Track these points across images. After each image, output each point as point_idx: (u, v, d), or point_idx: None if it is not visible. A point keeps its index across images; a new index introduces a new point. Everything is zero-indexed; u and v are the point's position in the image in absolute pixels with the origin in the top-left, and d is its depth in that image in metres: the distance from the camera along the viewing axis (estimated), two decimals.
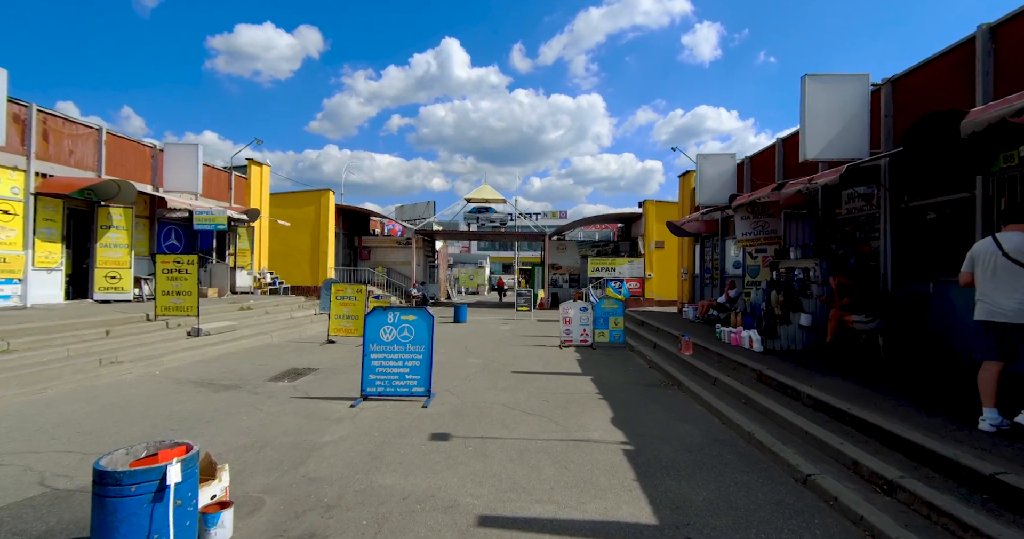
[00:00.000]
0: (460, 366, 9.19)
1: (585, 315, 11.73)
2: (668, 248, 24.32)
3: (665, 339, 11.20)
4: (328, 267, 24.86)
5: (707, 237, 16.12)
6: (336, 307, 12.11)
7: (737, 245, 10.47)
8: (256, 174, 18.67)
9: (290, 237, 24.99)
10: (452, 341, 12.61)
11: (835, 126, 7.95)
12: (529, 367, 9.16)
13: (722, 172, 13.25)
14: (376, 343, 6.67)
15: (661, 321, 13.73)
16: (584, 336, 11.68)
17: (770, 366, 7.05)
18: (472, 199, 28.00)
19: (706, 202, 13.30)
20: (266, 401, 6.59)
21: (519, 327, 16.32)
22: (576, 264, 28.68)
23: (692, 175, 17.63)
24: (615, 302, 11.79)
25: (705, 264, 16.39)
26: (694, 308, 14.09)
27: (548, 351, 11.13)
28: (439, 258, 32.04)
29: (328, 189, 24.93)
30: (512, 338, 13.38)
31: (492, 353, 10.73)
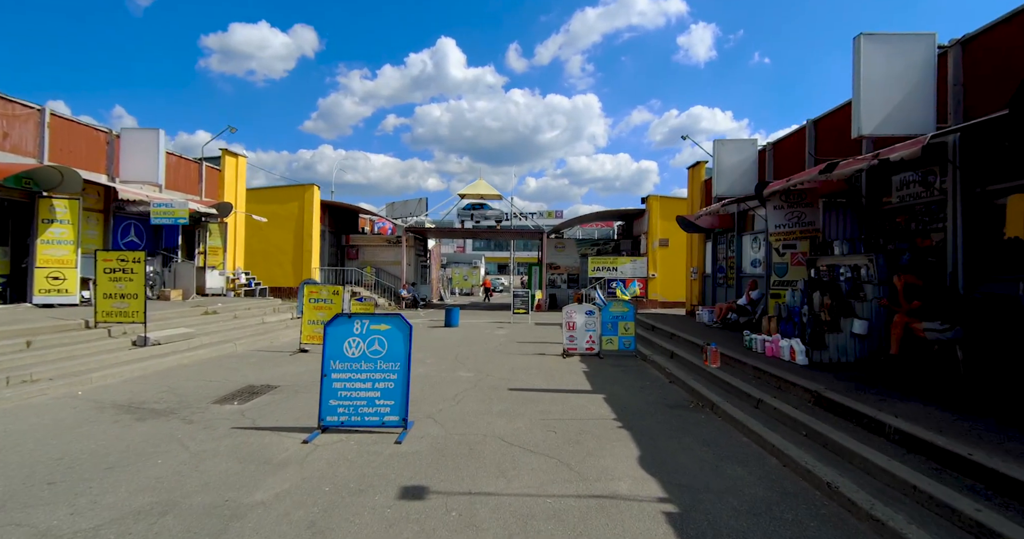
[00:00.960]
0: (448, 382, 7.81)
1: (591, 320, 10.39)
2: (673, 246, 23.04)
3: (683, 347, 9.87)
4: (312, 267, 23.41)
5: (720, 233, 14.83)
6: (309, 311, 10.72)
7: (770, 239, 9.18)
8: (231, 166, 17.23)
9: (272, 235, 23.54)
10: (441, 349, 11.23)
11: (895, 95, 6.65)
12: (529, 383, 7.80)
13: (742, 160, 11.95)
14: (338, 359, 5.29)
15: (673, 325, 12.41)
16: (590, 343, 10.34)
17: (827, 385, 5.73)
18: (466, 195, 26.61)
19: (724, 193, 12.00)
20: (199, 434, 5.19)
21: (516, 332, 14.96)
22: (575, 264, 27.36)
23: (703, 166, 16.35)
24: (625, 305, 10.45)
25: (718, 262, 15.09)
26: (710, 311, 12.79)
27: (550, 361, 9.78)
28: (431, 257, 30.63)
29: (312, 184, 23.49)
30: (508, 345, 12.02)
31: (486, 364, 9.36)
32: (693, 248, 16.86)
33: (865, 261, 7.09)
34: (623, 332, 10.34)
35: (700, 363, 8.13)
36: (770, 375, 6.62)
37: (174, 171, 15.11)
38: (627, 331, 10.35)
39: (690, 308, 16.67)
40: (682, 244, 23.06)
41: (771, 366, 6.92)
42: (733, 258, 13.90)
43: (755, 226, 12.88)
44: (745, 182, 11.92)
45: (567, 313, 10.43)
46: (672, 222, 23.48)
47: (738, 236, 13.52)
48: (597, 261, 23.74)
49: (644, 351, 10.28)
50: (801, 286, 8.09)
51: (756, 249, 12.68)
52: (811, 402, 5.60)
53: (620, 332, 10.34)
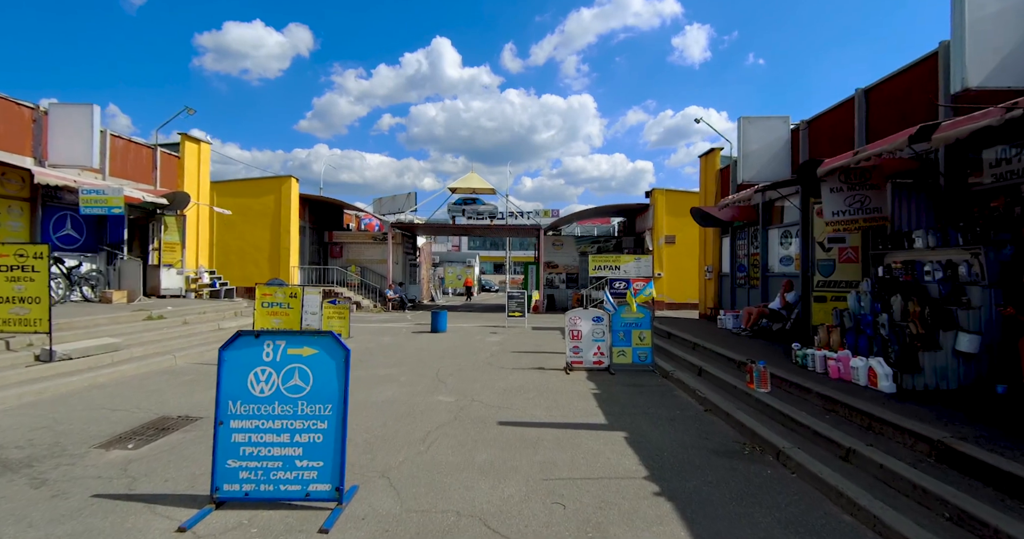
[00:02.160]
0: (422, 411, 6.08)
1: (600, 328, 8.68)
2: (681, 243, 21.38)
3: (712, 361, 8.17)
4: (291, 266, 21.63)
5: (740, 227, 13.16)
6: (262, 318, 8.97)
7: (826, 230, 7.49)
8: (191, 153, 15.41)
9: (247, 231, 21.75)
10: (421, 362, 9.49)
11: (1011, 37, 4.96)
12: (526, 412, 6.08)
13: (771, 141, 10.27)
14: (241, 400, 3.55)
15: (693, 332, 10.72)
16: (599, 356, 8.63)
17: (952, 431, 4.03)
18: (457, 189, 24.88)
19: (751, 179, 10.31)
20: (36, 509, 3.46)
21: (510, 338, 13.24)
22: (574, 262, 25.67)
23: (717, 154, 14.68)
24: (640, 310, 8.74)
25: (738, 260, 13.41)
26: (734, 316, 11.10)
27: (551, 378, 8.05)
28: (421, 256, 28.87)
29: (290, 176, 21.69)
30: (501, 356, 10.29)
31: (472, 384, 7.63)
32: (707, 245, 15.18)
33: (966, 256, 5.40)
34: (638, 342, 8.64)
35: (741, 385, 6.43)
36: (849, 408, 4.92)
37: (121, 156, 13.30)
38: (643, 341, 8.64)
39: (705, 311, 15.00)
40: (692, 241, 21.40)
41: (845, 394, 5.23)
42: (757, 255, 12.23)
43: (784, 218, 11.21)
44: (775, 166, 10.24)
45: (571, 320, 8.71)
46: (679, 217, 21.86)
47: (763, 230, 11.84)
48: (598, 259, 22.01)
49: (664, 365, 8.57)
50: (867, 287, 6.40)
51: (787, 244, 11.01)
52: (932, 456, 3.90)
53: (634, 342, 8.64)
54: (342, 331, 12.82)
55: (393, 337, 13.23)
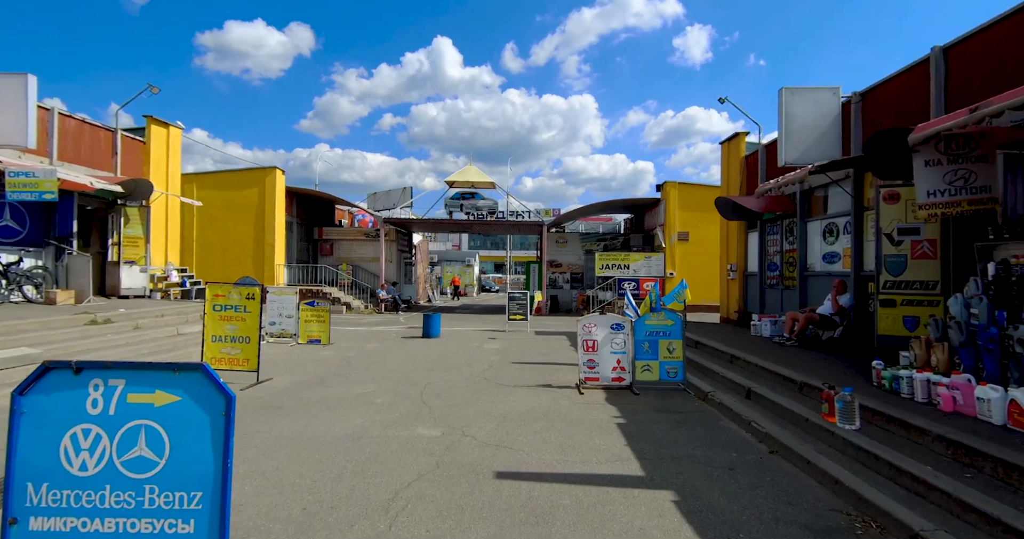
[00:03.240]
0: (394, 453, 4.57)
1: (620, 337, 7.17)
2: (695, 240, 19.89)
3: (760, 379, 6.65)
4: (276, 264, 20.16)
5: (771, 220, 11.65)
6: (214, 324, 7.47)
7: (919, 215, 5.93)
8: (159, 138, 13.93)
9: (229, 226, 20.28)
10: (405, 377, 7.99)
11: None
12: (533, 457, 4.57)
13: (818, 116, 8.77)
14: (50, 482, 2.05)
15: (726, 341, 9.22)
16: (619, 371, 7.13)
17: None
18: (455, 183, 23.39)
19: (795, 160, 8.80)
20: None
21: (511, 345, 11.74)
22: (579, 261, 24.16)
23: (742, 139, 13.18)
24: (669, 316, 7.23)
25: (768, 258, 11.90)
26: (772, 321, 9.60)
27: (561, 400, 6.55)
28: (417, 254, 27.39)
29: (274, 167, 20.21)
30: (501, 368, 8.79)
31: (464, 409, 6.12)
32: (729, 240, 13.67)
33: None
34: (666, 355, 7.13)
35: (812, 415, 4.94)
36: (1004, 464, 3.41)
37: (74, 138, 11.81)
38: (672, 354, 7.13)
39: (729, 315, 13.50)
40: (706, 238, 19.89)
41: (989, 442, 3.72)
42: (793, 252, 10.72)
43: (829, 208, 9.70)
44: (823, 146, 8.74)
45: (585, 327, 7.20)
46: (693, 212, 20.36)
47: (801, 223, 10.33)
48: (606, 258, 20.50)
49: (698, 383, 7.06)
50: (976, 289, 4.90)
51: (832, 239, 9.50)
52: None
53: (662, 355, 7.13)
54: (322, 336, 11.34)
55: (379, 343, 11.74)
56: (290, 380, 7.65)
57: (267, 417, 5.64)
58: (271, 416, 5.68)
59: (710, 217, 20.22)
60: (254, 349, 7.41)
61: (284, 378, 7.77)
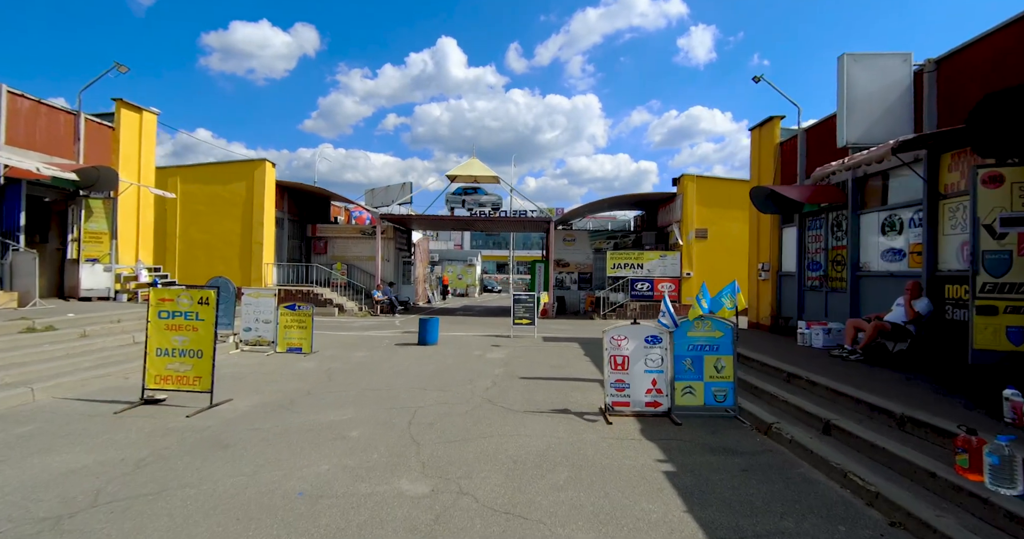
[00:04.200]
0: (360, 528, 3.22)
1: (656, 352, 5.81)
2: (714, 238, 18.51)
3: (840, 408, 5.26)
4: (264, 263, 18.86)
5: (813, 213, 10.28)
6: (159, 334, 6.15)
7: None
8: (130, 123, 12.63)
9: (214, 222, 18.99)
10: (394, 399, 6.66)
11: None
12: (556, 535, 3.21)
13: (886, 87, 7.39)
14: None
15: (771, 352, 7.83)
16: (654, 394, 5.77)
17: None
18: (457, 177, 22.05)
19: (860, 139, 7.43)
20: None
21: (518, 354, 10.39)
22: (587, 260, 22.80)
23: (776, 124, 11.81)
24: (717, 325, 5.86)
25: (809, 256, 10.53)
26: (825, 330, 8.22)
27: (586, 434, 5.20)
28: (417, 253, 26.05)
29: (263, 159, 18.90)
30: (508, 386, 7.44)
31: (463, 449, 4.77)
32: (761, 237, 12.29)
33: None
34: (713, 374, 5.77)
35: (938, 466, 3.58)
36: None
37: (27, 121, 10.51)
38: (720, 373, 5.77)
39: (760, 320, 12.11)
40: (728, 234, 18.52)
41: None
42: (842, 249, 9.35)
43: (890, 197, 8.33)
44: (892, 122, 7.37)
45: (613, 341, 5.83)
46: (712, 208, 18.96)
47: (853, 215, 8.96)
48: (617, 257, 19.16)
49: (754, 410, 5.69)
50: None
51: (892, 233, 8.13)
52: None
53: (707, 374, 5.77)
54: (303, 344, 10.02)
55: (369, 351, 10.40)
56: (252, 402, 6.32)
57: (205, 461, 4.31)
58: (210, 459, 4.35)
59: (730, 213, 18.90)
60: (207, 365, 6.07)
61: (246, 399, 6.44)
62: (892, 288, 8.04)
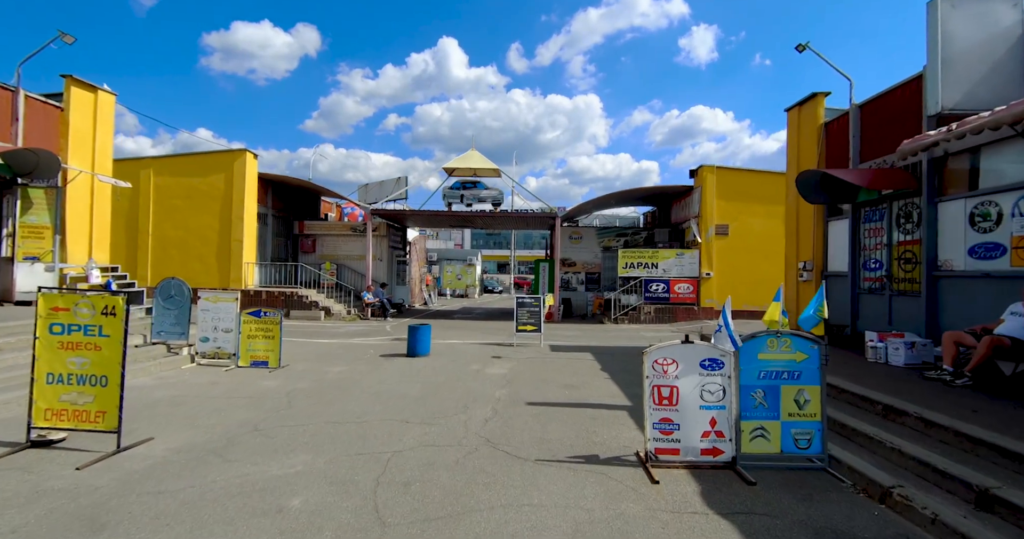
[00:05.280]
0: None
1: (715, 382, 4.27)
2: (735, 235, 16.96)
3: (987, 464, 3.71)
4: (245, 262, 17.36)
5: (868, 203, 8.75)
6: (51, 355, 4.62)
7: None
8: (82, 104, 11.11)
9: (190, 218, 17.49)
10: (365, 439, 5.13)
11: None
12: None
13: (992, 36, 5.85)
14: None
15: (844, 374, 6.26)
16: (712, 438, 4.24)
17: None
18: (455, 170, 20.52)
19: (957, 105, 5.89)
20: None
21: (523, 369, 8.86)
22: (595, 259, 21.26)
23: (820, 102, 10.27)
24: (798, 344, 4.31)
25: (865, 253, 8.99)
26: (907, 344, 6.67)
27: (624, 500, 3.67)
28: (413, 252, 24.53)
29: (244, 149, 17.38)
30: (512, 417, 5.91)
31: (455, 530, 3.24)
32: (801, 231, 10.75)
33: None
34: (793, 412, 4.23)
35: None
36: None
37: None
38: (803, 410, 4.24)
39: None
40: (751, 231, 16.93)
41: None
42: (913, 244, 7.81)
43: (981, 181, 6.78)
44: (998, 81, 5.84)
45: (658, 366, 4.28)
46: (734, 202, 17.38)
47: (929, 204, 7.42)
48: (630, 255, 17.62)
49: (853, 463, 4.14)
50: None
51: (986, 224, 6.59)
52: None
53: (786, 411, 4.24)
54: (269, 357, 8.50)
55: (348, 365, 8.87)
56: (177, 443, 4.79)
57: None
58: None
59: (752, 207, 17.35)
60: (113, 396, 4.54)
61: (171, 438, 4.91)
62: (986, 292, 6.51)
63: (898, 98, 8.12)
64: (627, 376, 8.12)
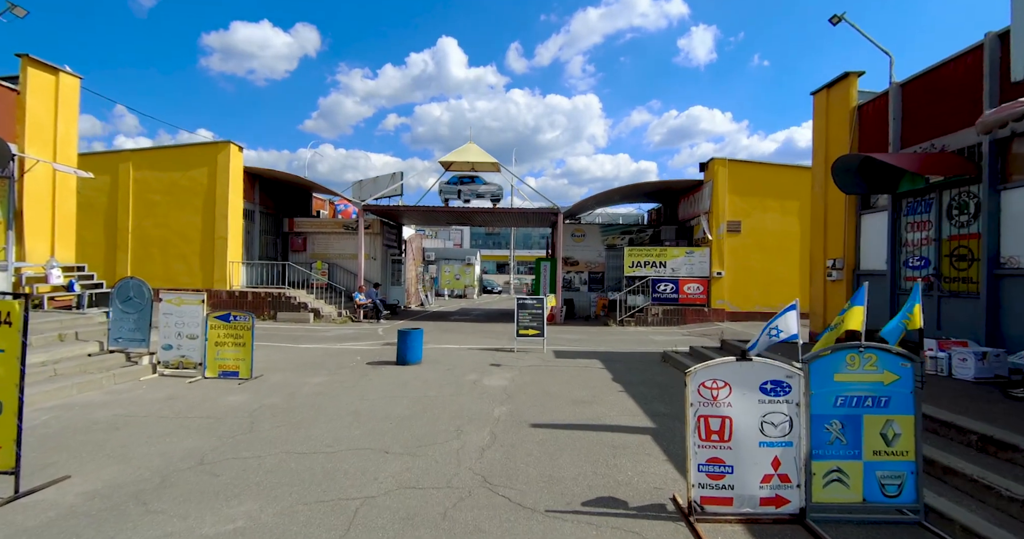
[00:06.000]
0: None
1: (778, 412, 3.31)
2: (748, 231, 16.00)
3: None
4: (230, 261, 16.38)
5: (913, 193, 7.80)
6: None
7: None
8: (41, 87, 10.14)
9: (171, 215, 16.50)
10: (330, 477, 4.16)
11: None
12: None
13: None
14: None
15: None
16: (775, 483, 3.28)
17: None
18: (452, 164, 19.54)
19: None
20: None
21: (525, 381, 7.90)
22: (599, 257, 20.31)
23: (852, 83, 9.36)
24: (885, 361, 3.35)
25: (908, 249, 8.04)
26: (976, 355, 5.71)
27: None
28: (408, 251, 23.55)
29: (228, 141, 16.39)
30: (515, 445, 4.96)
31: None
32: (829, 225, 9.80)
33: None
34: (879, 449, 3.28)
35: None
36: None
37: None
38: (893, 445, 3.29)
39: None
40: (764, 228, 15.94)
41: None
42: (970, 238, 6.87)
43: None
44: None
45: (705, 391, 3.33)
46: (748, 197, 16.38)
47: (990, 191, 6.48)
48: (636, 254, 16.65)
49: (958, 516, 3.19)
50: None
51: None
52: None
53: (869, 448, 3.28)
54: (240, 366, 7.55)
55: (329, 375, 7.91)
56: (96, 483, 3.83)
57: None
58: None
59: (766, 203, 16.37)
60: (9, 426, 3.59)
61: (92, 475, 3.95)
62: None
63: (951, 73, 7.18)
64: (643, 389, 7.17)
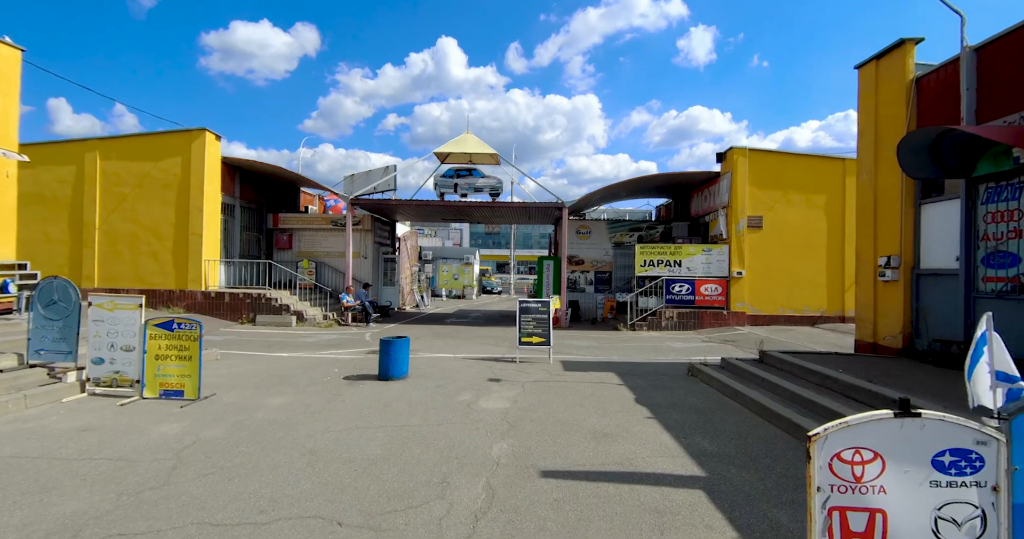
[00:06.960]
0: None
1: (962, 498, 1.99)
2: (770, 228, 14.68)
3: None
4: (205, 259, 15.06)
5: (996, 178, 6.50)
6: None
7: None
8: None
9: (141, 209, 15.18)
10: None
11: None
12: None
13: None
14: None
15: None
16: None
17: None
18: (449, 155, 18.23)
19: None
20: None
21: (530, 403, 6.59)
22: (606, 256, 18.99)
23: (909, 53, 8.05)
24: None
25: (988, 244, 6.73)
26: None
27: None
28: (403, 250, 22.25)
29: (203, 129, 15.06)
30: (516, 508, 3.65)
31: None
32: (880, 218, 8.49)
33: None
34: None
35: None
36: None
37: None
38: None
39: (879, 340, 8.24)
40: (788, 223, 14.56)
41: None
42: None
43: None
44: None
45: (839, 465, 2.01)
46: (769, 190, 14.98)
47: None
48: (648, 252, 15.34)
49: None
50: None
51: None
52: None
53: None
54: (185, 385, 6.24)
55: (295, 395, 6.59)
56: None
57: None
58: None
59: (789, 196, 15.02)
60: None
61: None
62: None
63: None
64: (676, 415, 5.86)
